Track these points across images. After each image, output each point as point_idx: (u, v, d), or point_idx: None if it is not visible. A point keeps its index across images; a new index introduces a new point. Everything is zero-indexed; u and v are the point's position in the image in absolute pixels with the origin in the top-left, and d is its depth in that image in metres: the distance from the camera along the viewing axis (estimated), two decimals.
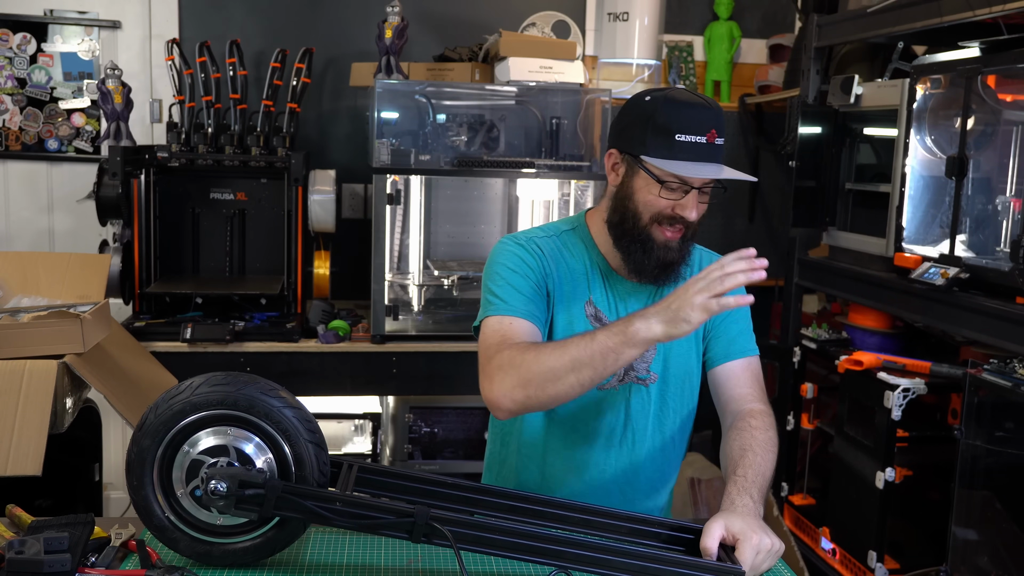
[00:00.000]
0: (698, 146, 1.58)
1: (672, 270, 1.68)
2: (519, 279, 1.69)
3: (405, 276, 3.39)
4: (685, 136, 1.57)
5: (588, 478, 1.77)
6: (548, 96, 3.39)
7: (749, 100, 3.88)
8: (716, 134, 1.58)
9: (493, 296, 1.68)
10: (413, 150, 3.17)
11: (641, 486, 1.80)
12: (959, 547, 2.34)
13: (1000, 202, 2.47)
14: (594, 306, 1.73)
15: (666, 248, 1.65)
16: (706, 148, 1.58)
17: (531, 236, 1.76)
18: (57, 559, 1.29)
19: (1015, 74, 2.41)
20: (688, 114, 1.59)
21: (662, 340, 1.50)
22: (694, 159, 1.58)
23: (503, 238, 1.79)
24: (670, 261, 1.66)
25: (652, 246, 1.65)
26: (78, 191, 3.51)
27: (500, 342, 1.61)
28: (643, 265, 1.67)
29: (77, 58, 3.63)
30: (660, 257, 1.65)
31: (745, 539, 1.42)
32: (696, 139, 1.58)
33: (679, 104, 1.60)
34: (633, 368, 1.73)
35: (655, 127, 1.60)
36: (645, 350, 1.52)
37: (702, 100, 1.62)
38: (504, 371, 1.56)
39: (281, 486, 1.35)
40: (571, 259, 1.75)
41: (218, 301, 3.17)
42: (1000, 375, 2.19)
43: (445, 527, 1.34)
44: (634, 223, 1.66)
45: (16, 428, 2.19)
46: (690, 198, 1.62)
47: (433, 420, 3.35)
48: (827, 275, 3.10)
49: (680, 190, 1.61)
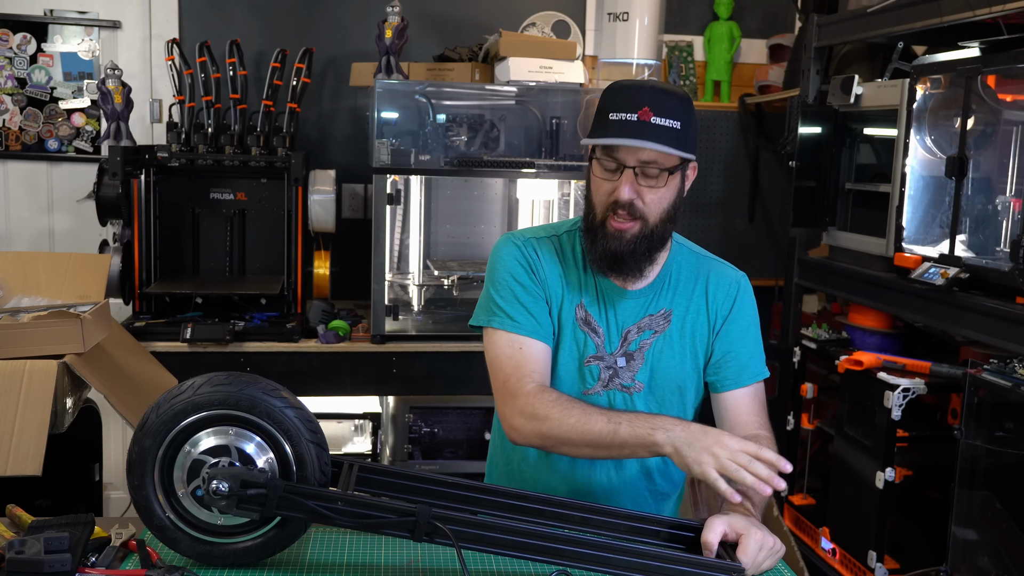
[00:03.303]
0: (627, 123, 1.57)
1: (621, 263, 1.66)
2: (523, 292, 1.71)
3: (405, 276, 3.38)
4: (616, 114, 1.59)
5: (575, 483, 1.77)
6: (548, 96, 3.38)
7: (749, 100, 3.88)
8: (651, 112, 1.57)
9: (497, 307, 1.71)
10: (413, 150, 3.17)
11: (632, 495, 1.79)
12: (959, 547, 2.34)
13: (1000, 202, 2.47)
14: (584, 309, 1.73)
15: (613, 238, 1.64)
16: (636, 124, 1.57)
17: (530, 237, 1.77)
18: (57, 559, 1.29)
19: (1015, 74, 2.41)
20: (621, 94, 1.61)
21: (674, 462, 1.54)
22: (622, 135, 1.58)
23: (504, 235, 1.79)
24: (616, 251, 1.64)
25: (603, 234, 1.65)
26: (78, 191, 3.51)
27: (516, 371, 1.67)
28: (593, 254, 1.68)
29: (77, 58, 3.63)
30: (605, 247, 1.65)
31: (748, 535, 1.42)
32: (626, 116, 1.58)
33: (618, 87, 1.64)
34: (618, 375, 1.73)
35: (597, 111, 1.64)
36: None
37: (644, 83, 1.65)
38: (527, 418, 1.63)
39: (283, 486, 1.35)
40: (566, 261, 1.75)
41: (218, 301, 3.17)
42: (1000, 375, 2.19)
43: (447, 526, 1.34)
44: (589, 211, 1.68)
45: (16, 428, 2.19)
46: (622, 178, 1.60)
47: (433, 420, 3.34)
48: (827, 275, 3.11)
49: (616, 170, 1.62)
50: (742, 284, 1.79)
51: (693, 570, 1.39)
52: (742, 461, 1.47)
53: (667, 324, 1.73)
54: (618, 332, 1.72)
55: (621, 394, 1.73)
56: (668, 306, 1.74)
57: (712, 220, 3.96)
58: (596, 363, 1.72)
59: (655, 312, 1.73)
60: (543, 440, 1.63)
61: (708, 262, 1.79)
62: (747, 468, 1.46)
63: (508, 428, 1.67)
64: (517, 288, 1.71)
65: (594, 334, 1.72)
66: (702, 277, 1.76)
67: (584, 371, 1.73)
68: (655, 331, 1.73)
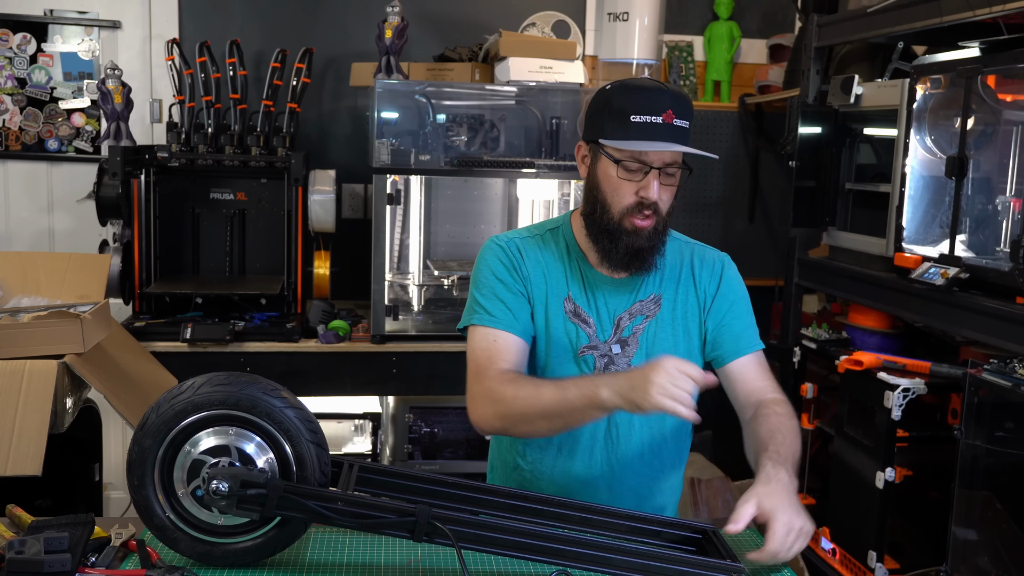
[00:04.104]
0: (653, 126, 1.60)
1: (642, 258, 1.69)
2: (502, 288, 1.74)
3: (405, 276, 3.38)
4: (640, 116, 1.61)
5: (576, 475, 1.78)
6: (548, 96, 3.38)
7: (749, 100, 3.88)
8: (674, 115, 1.61)
9: (478, 304, 1.75)
10: (413, 150, 3.17)
11: (633, 486, 1.79)
12: (959, 547, 2.34)
13: (1000, 202, 2.47)
14: (573, 302, 1.75)
15: (635, 235, 1.67)
16: (662, 128, 1.61)
17: (513, 237, 1.81)
18: (57, 559, 1.29)
19: (1015, 74, 2.41)
20: (642, 96, 1.63)
21: (628, 411, 1.53)
22: (649, 138, 1.61)
23: (489, 238, 1.83)
24: (638, 248, 1.68)
25: (620, 234, 1.67)
26: (78, 191, 3.51)
27: (487, 361, 1.69)
28: (612, 254, 1.70)
29: (77, 58, 3.63)
30: (628, 244, 1.68)
31: (776, 519, 1.42)
32: (651, 119, 1.60)
33: (633, 88, 1.66)
34: (614, 362, 1.75)
35: (611, 112, 1.65)
36: (612, 413, 1.56)
37: (658, 84, 1.67)
38: (487, 401, 1.66)
39: (283, 486, 1.35)
40: (551, 257, 1.78)
41: (218, 301, 3.17)
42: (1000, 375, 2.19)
43: (447, 526, 1.34)
44: (603, 212, 1.69)
45: (16, 428, 2.19)
46: (650, 178, 1.64)
47: (433, 420, 3.35)
48: (827, 275, 3.10)
49: (639, 171, 1.64)
50: (726, 262, 1.83)
51: (693, 570, 1.39)
52: (670, 389, 1.45)
53: (658, 308, 1.76)
54: (610, 320, 1.75)
55: None
56: (657, 291, 1.77)
57: (712, 220, 3.96)
58: (591, 352, 1.74)
59: (645, 297, 1.76)
60: (502, 421, 1.65)
61: (690, 246, 1.83)
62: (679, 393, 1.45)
63: (472, 416, 1.70)
64: (498, 286, 1.75)
65: (584, 324, 1.75)
66: (687, 260, 1.80)
67: (579, 362, 1.74)
68: (647, 316, 1.76)
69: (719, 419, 1.99)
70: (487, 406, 1.66)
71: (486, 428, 1.70)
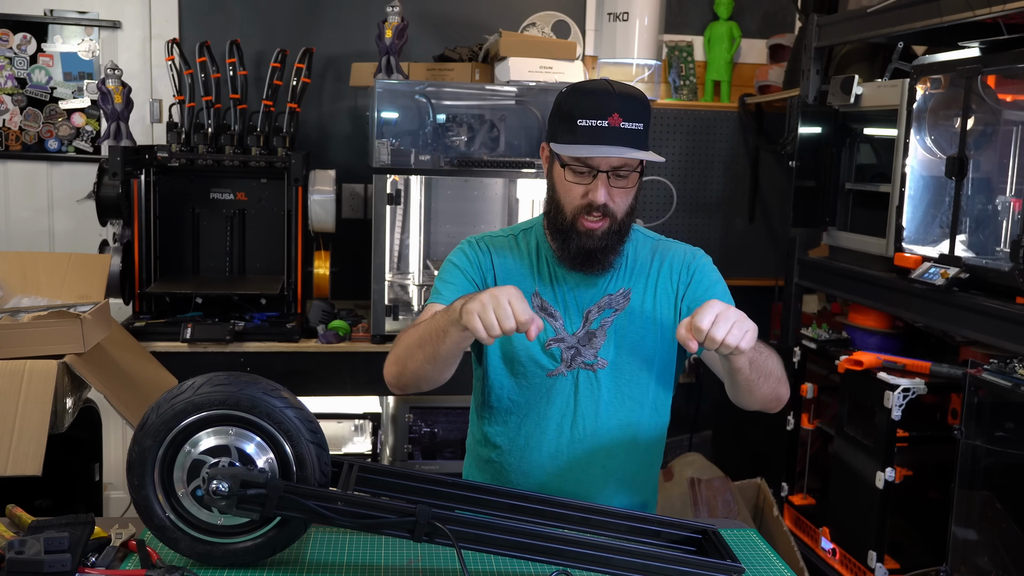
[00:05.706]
0: (599, 129, 1.63)
1: (594, 259, 1.72)
2: (458, 275, 1.80)
3: (405, 276, 3.38)
4: (586, 120, 1.64)
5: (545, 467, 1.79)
6: (548, 96, 3.38)
7: (749, 100, 3.88)
8: (620, 118, 1.63)
9: (435, 290, 1.81)
10: (413, 150, 3.17)
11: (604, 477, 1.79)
12: (959, 547, 2.34)
13: (1000, 202, 2.47)
14: (540, 298, 1.79)
15: (587, 236, 1.70)
16: (607, 131, 1.63)
17: (485, 236, 1.86)
18: (57, 559, 1.29)
19: (1015, 74, 2.41)
20: (589, 100, 1.66)
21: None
22: (595, 142, 1.64)
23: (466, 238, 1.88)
24: (590, 249, 1.71)
25: (573, 234, 1.71)
26: (78, 191, 3.51)
27: (414, 329, 1.73)
28: (565, 253, 1.74)
29: (77, 58, 3.63)
30: (579, 245, 1.71)
31: (708, 302, 1.45)
32: (596, 123, 1.63)
33: (582, 92, 1.69)
34: (580, 354, 1.77)
35: (561, 115, 1.69)
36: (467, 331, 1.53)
37: (607, 87, 1.68)
38: (390, 364, 1.72)
39: (283, 486, 1.35)
40: (520, 255, 1.82)
41: (218, 301, 3.17)
42: (1000, 375, 2.19)
43: (447, 526, 1.34)
44: (557, 212, 1.73)
45: (16, 428, 2.19)
46: (597, 182, 1.67)
47: (433, 420, 3.34)
48: (827, 275, 3.11)
49: (588, 174, 1.68)
50: (698, 254, 1.85)
51: (693, 570, 1.39)
52: (499, 313, 1.45)
53: (626, 302, 1.79)
54: (579, 313, 1.78)
55: (585, 372, 1.77)
56: (626, 285, 1.80)
57: (712, 220, 3.96)
58: (557, 345, 1.77)
59: (614, 292, 1.79)
60: (396, 364, 1.69)
61: (664, 243, 1.86)
62: (505, 321, 1.45)
63: (387, 383, 1.74)
64: (455, 273, 1.80)
65: (551, 319, 1.78)
66: (658, 256, 1.83)
67: (547, 354, 1.78)
68: (615, 309, 1.78)
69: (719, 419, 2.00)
70: (389, 367, 1.72)
71: (387, 378, 1.73)
